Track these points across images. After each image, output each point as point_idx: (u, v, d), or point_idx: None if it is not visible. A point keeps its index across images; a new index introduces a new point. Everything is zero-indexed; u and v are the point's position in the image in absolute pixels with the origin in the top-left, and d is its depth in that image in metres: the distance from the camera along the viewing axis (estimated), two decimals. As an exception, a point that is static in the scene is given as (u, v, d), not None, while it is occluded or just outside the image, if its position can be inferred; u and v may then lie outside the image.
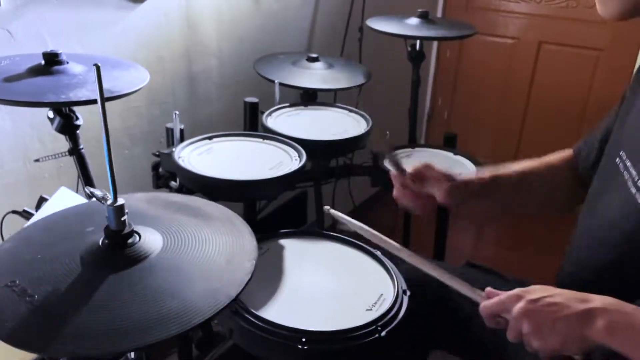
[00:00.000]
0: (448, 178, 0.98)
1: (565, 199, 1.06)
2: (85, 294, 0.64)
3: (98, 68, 0.64)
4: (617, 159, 0.86)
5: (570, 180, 1.04)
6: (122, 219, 0.70)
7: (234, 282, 0.67)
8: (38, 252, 0.71)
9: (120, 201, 0.69)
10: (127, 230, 0.70)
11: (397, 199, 1.03)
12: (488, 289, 0.80)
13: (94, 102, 0.96)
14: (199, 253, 0.72)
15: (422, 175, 0.99)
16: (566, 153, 1.07)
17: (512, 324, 0.74)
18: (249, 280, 0.68)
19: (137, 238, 0.71)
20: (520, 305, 0.73)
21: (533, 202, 1.09)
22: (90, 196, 0.87)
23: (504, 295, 0.76)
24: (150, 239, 0.72)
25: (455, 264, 1.16)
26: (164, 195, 0.87)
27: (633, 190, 0.80)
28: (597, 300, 0.70)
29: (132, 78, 1.07)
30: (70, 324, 0.60)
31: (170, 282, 0.67)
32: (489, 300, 0.78)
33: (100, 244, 0.70)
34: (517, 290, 0.75)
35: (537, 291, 0.74)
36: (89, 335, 0.59)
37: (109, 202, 0.69)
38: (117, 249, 0.70)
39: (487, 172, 1.04)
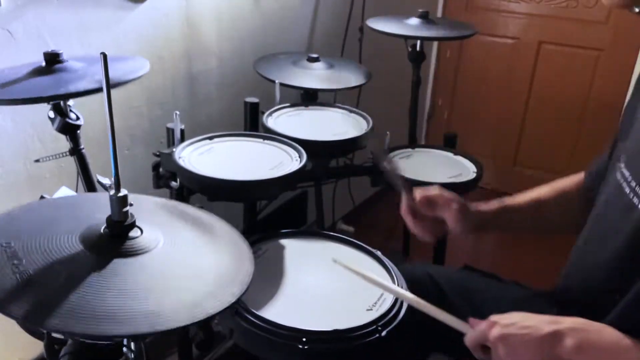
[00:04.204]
0: (458, 201, 0.99)
1: (577, 221, 1.04)
2: (78, 274, 0.63)
3: (105, 56, 0.64)
4: (616, 163, 0.89)
5: (582, 203, 1.04)
6: (124, 209, 0.70)
7: (235, 284, 0.67)
8: (38, 225, 0.71)
9: (123, 192, 0.69)
10: (128, 221, 0.70)
11: (404, 219, 1.02)
12: (470, 319, 0.82)
13: (93, 92, 0.94)
14: (200, 255, 0.73)
15: (433, 200, 0.99)
16: (578, 177, 1.08)
17: (492, 349, 0.77)
18: (248, 285, 0.68)
19: (139, 232, 0.71)
20: (495, 330, 0.77)
21: (545, 229, 1.13)
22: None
23: (482, 324, 0.79)
24: (151, 236, 0.72)
25: (455, 265, 1.16)
26: (172, 202, 0.87)
27: (627, 189, 0.83)
28: (567, 322, 0.75)
29: (132, 67, 1.05)
30: (56, 298, 0.59)
31: (168, 279, 0.67)
32: (471, 331, 0.80)
33: (101, 231, 0.71)
34: (493, 317, 0.79)
35: (512, 317, 0.78)
36: (77, 315, 0.58)
37: (111, 192, 0.69)
38: (118, 239, 0.70)
39: (496, 202, 1.05)
